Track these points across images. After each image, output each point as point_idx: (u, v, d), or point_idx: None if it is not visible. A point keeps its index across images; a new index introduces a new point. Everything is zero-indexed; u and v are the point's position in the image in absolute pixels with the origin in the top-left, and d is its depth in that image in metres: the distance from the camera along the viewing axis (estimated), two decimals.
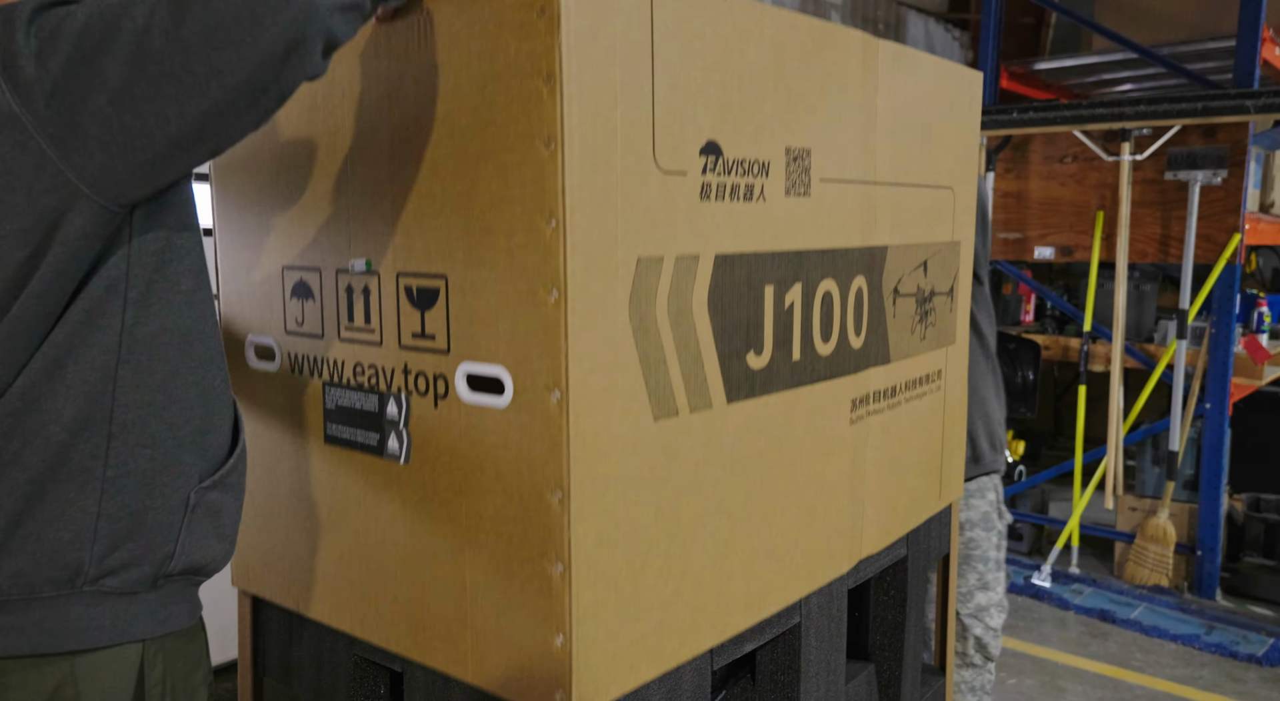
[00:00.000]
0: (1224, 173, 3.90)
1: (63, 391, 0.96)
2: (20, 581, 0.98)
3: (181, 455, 1.04)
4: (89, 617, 1.00)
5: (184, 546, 1.05)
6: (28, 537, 0.97)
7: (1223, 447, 4.11)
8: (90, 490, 0.98)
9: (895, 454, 1.70)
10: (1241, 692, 3.25)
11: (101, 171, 0.92)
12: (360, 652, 1.38)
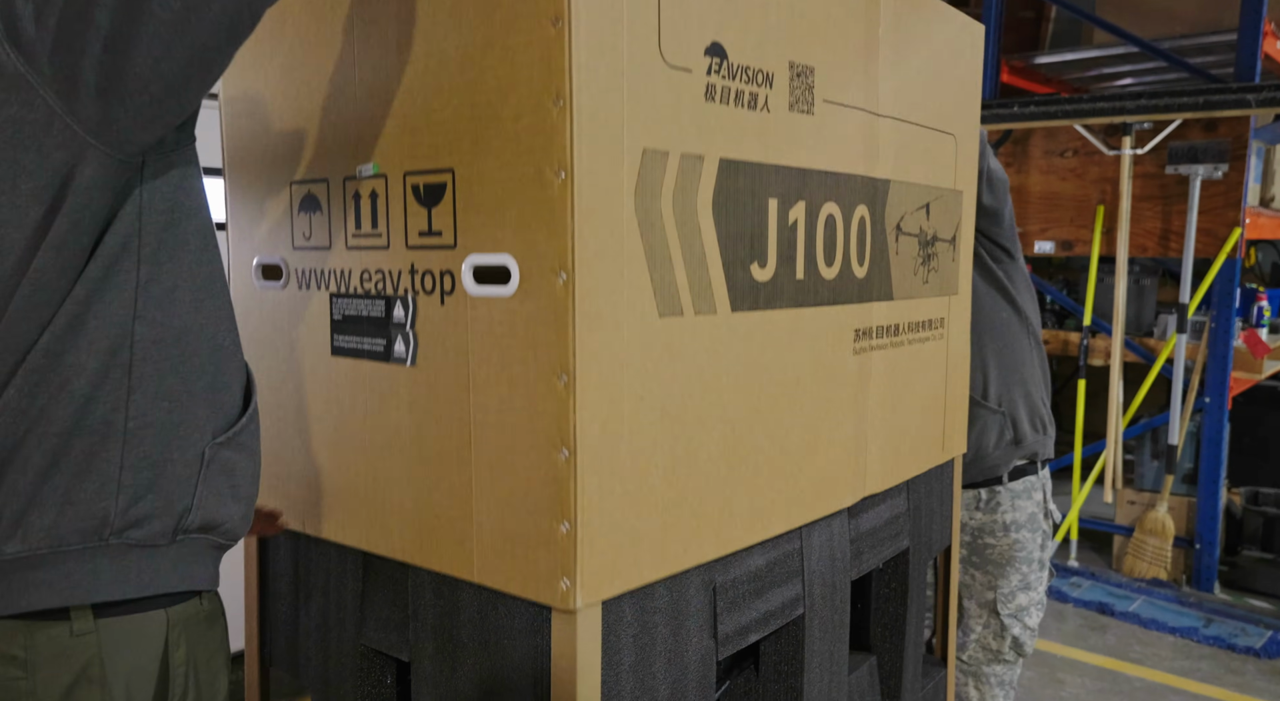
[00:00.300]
0: (1225, 167, 3.91)
1: (84, 346, 1.00)
2: (50, 535, 1.01)
3: (196, 409, 1.08)
4: (115, 570, 1.04)
5: (201, 500, 1.09)
6: (55, 491, 1.01)
7: (1222, 441, 4.13)
8: (113, 441, 1.02)
9: (898, 394, 1.71)
10: (1240, 685, 3.27)
11: (105, 121, 0.96)
12: (366, 642, 1.38)
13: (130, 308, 1.03)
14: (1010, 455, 2.33)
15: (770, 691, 1.55)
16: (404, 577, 1.32)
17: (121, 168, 1.00)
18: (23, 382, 1.00)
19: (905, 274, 1.70)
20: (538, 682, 1.17)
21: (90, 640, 1.03)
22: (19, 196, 0.97)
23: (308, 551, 1.46)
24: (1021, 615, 2.37)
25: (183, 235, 1.07)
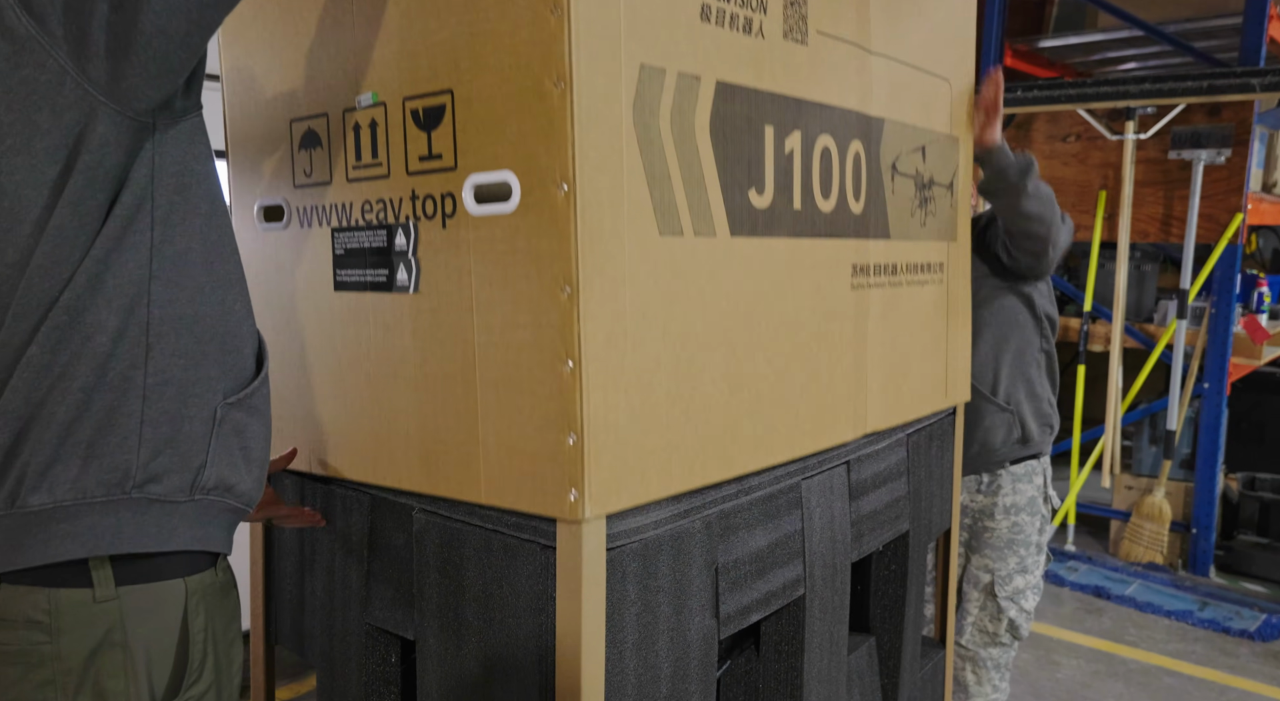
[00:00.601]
0: (1228, 152, 3.91)
1: (104, 304, 1.04)
2: (75, 488, 1.05)
3: (208, 368, 1.12)
4: (136, 524, 1.07)
5: (214, 458, 1.13)
6: (79, 444, 1.05)
7: (1220, 427, 4.14)
8: (133, 397, 1.06)
9: (897, 334, 1.72)
10: (1233, 666, 3.30)
11: (115, 79, 1.00)
12: (371, 621, 1.40)
13: (146, 267, 1.06)
14: (1015, 452, 2.35)
15: (770, 671, 1.56)
16: (409, 556, 1.33)
17: (132, 126, 1.03)
18: (45, 339, 1.03)
19: (902, 214, 1.70)
20: (542, 660, 1.18)
21: (112, 607, 1.06)
22: (35, 156, 1.01)
23: (313, 531, 1.48)
24: (1018, 598, 2.38)
25: (193, 200, 1.11)
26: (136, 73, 1.01)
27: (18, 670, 1.05)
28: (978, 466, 2.38)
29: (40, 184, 1.02)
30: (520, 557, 1.19)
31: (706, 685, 1.34)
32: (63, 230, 1.03)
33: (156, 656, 1.09)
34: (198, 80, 1.13)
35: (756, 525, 1.40)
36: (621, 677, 1.19)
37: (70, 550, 1.04)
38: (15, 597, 1.05)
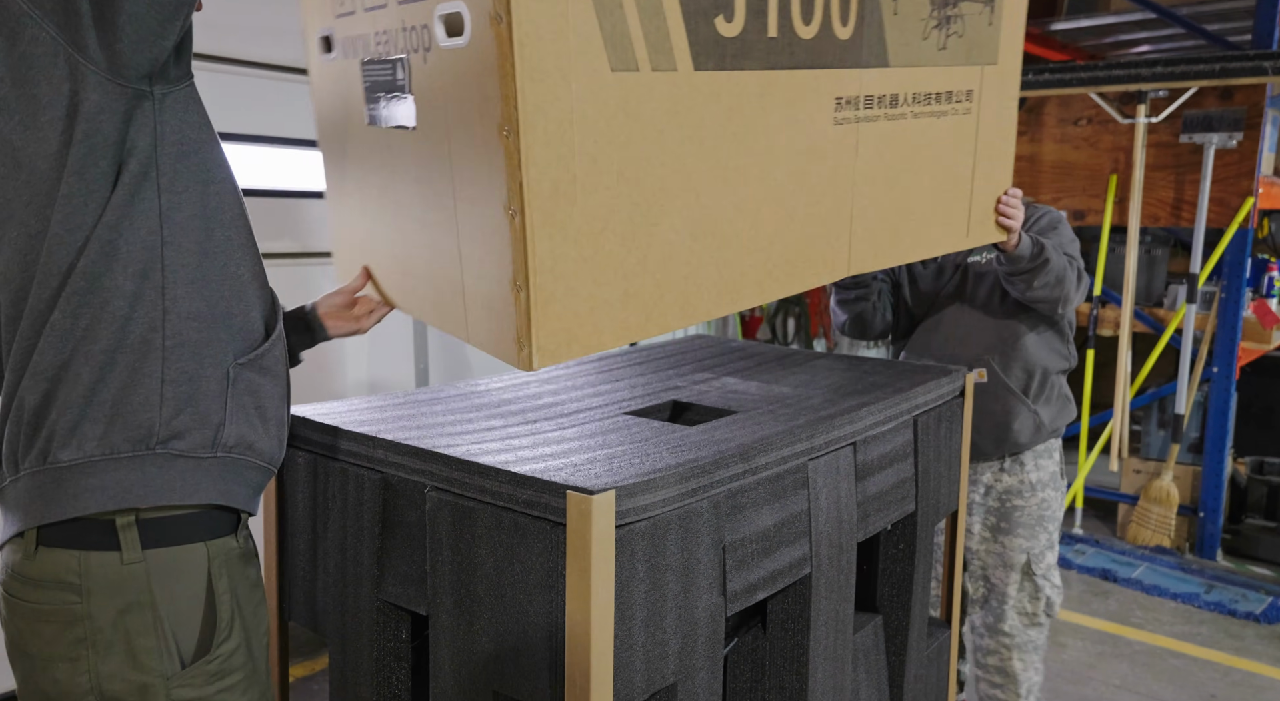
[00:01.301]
0: (1239, 135, 3.88)
1: (119, 269, 1.10)
2: (103, 444, 1.11)
3: (218, 330, 1.17)
4: (162, 479, 1.13)
5: (231, 417, 1.19)
6: (104, 403, 1.11)
7: (1228, 411, 4.14)
8: (154, 358, 1.12)
9: (897, 170, 1.61)
10: (1239, 648, 3.31)
11: (102, 46, 1.04)
12: (384, 597, 1.42)
13: (157, 233, 1.12)
14: (1036, 441, 2.39)
15: (777, 648, 1.58)
16: (422, 534, 1.35)
17: (126, 94, 1.08)
18: (66, 304, 1.09)
19: (908, 38, 1.54)
20: (552, 636, 1.20)
21: (139, 569, 1.12)
22: (41, 129, 1.07)
23: (325, 509, 1.50)
24: (1051, 574, 2.40)
25: (193, 167, 1.15)
26: (122, 39, 1.04)
27: (54, 628, 1.12)
28: (999, 452, 2.39)
29: (49, 155, 1.07)
30: (530, 535, 1.21)
31: (714, 661, 1.36)
32: (72, 198, 1.07)
33: (183, 616, 1.15)
34: (187, 47, 1.16)
35: (763, 505, 1.42)
36: (630, 653, 1.21)
37: (99, 502, 1.10)
38: (50, 559, 1.11)
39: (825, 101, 1.42)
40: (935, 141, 1.67)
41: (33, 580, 1.13)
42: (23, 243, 1.11)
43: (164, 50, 1.09)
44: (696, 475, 1.29)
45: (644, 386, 1.84)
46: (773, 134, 1.33)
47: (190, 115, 1.17)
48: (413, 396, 1.71)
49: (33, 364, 1.11)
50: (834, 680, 1.65)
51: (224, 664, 1.19)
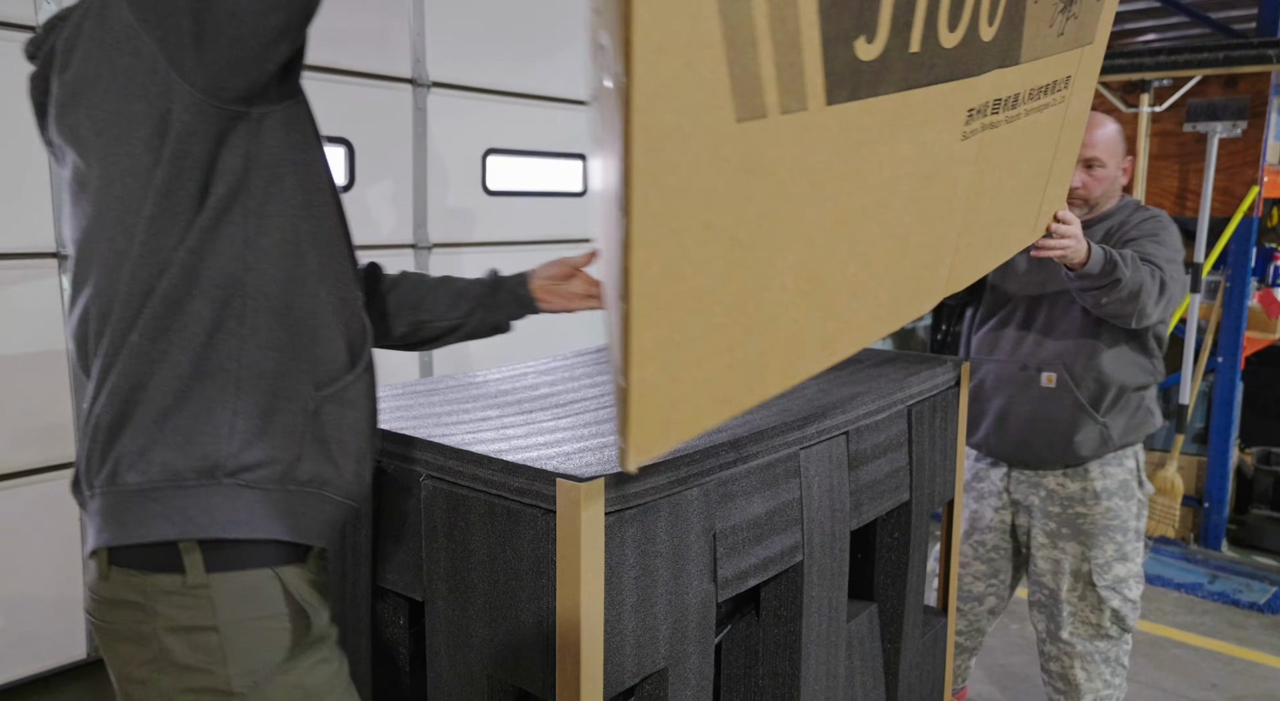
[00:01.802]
0: (1244, 124, 3.87)
1: (200, 295, 1.07)
2: (167, 470, 1.08)
3: (299, 361, 1.13)
4: (228, 509, 1.09)
5: (307, 451, 1.13)
6: (176, 430, 1.08)
7: (1233, 401, 4.14)
8: (229, 388, 1.09)
9: (1001, 176, 1.46)
10: (1241, 638, 3.31)
11: (197, 65, 1.00)
12: (382, 584, 1.44)
13: (240, 260, 1.08)
14: (1101, 453, 2.32)
15: (770, 635, 1.60)
16: (418, 522, 1.37)
17: (219, 115, 1.04)
18: (145, 327, 1.07)
19: (1040, 28, 1.36)
20: (544, 621, 1.22)
21: (202, 593, 1.08)
22: (134, 145, 1.03)
23: None
24: (1120, 587, 2.31)
25: (286, 190, 1.11)
26: (217, 59, 1.00)
27: (128, 648, 1.11)
28: (1065, 461, 2.33)
29: (138, 172, 1.04)
30: (522, 522, 1.23)
31: (705, 647, 1.38)
32: (156, 220, 1.05)
33: (250, 641, 1.11)
34: (295, 66, 1.11)
35: (755, 492, 1.44)
36: (620, 638, 1.23)
37: (162, 530, 1.07)
38: (120, 579, 1.10)
39: (957, 116, 1.24)
40: (1035, 138, 1.52)
41: (106, 600, 1.11)
42: (111, 259, 1.08)
43: (266, 74, 1.05)
44: (686, 463, 1.30)
45: None
46: (898, 163, 1.15)
47: (291, 135, 1.11)
48: (411, 387, 1.73)
49: (110, 383, 1.09)
50: (827, 667, 1.67)
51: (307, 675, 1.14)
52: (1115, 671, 2.37)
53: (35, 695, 2.79)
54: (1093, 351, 2.26)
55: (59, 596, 2.82)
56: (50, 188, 2.67)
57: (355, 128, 3.46)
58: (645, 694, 1.34)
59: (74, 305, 1.13)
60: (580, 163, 4.33)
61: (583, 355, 2.09)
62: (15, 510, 2.72)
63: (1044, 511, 2.39)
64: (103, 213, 1.08)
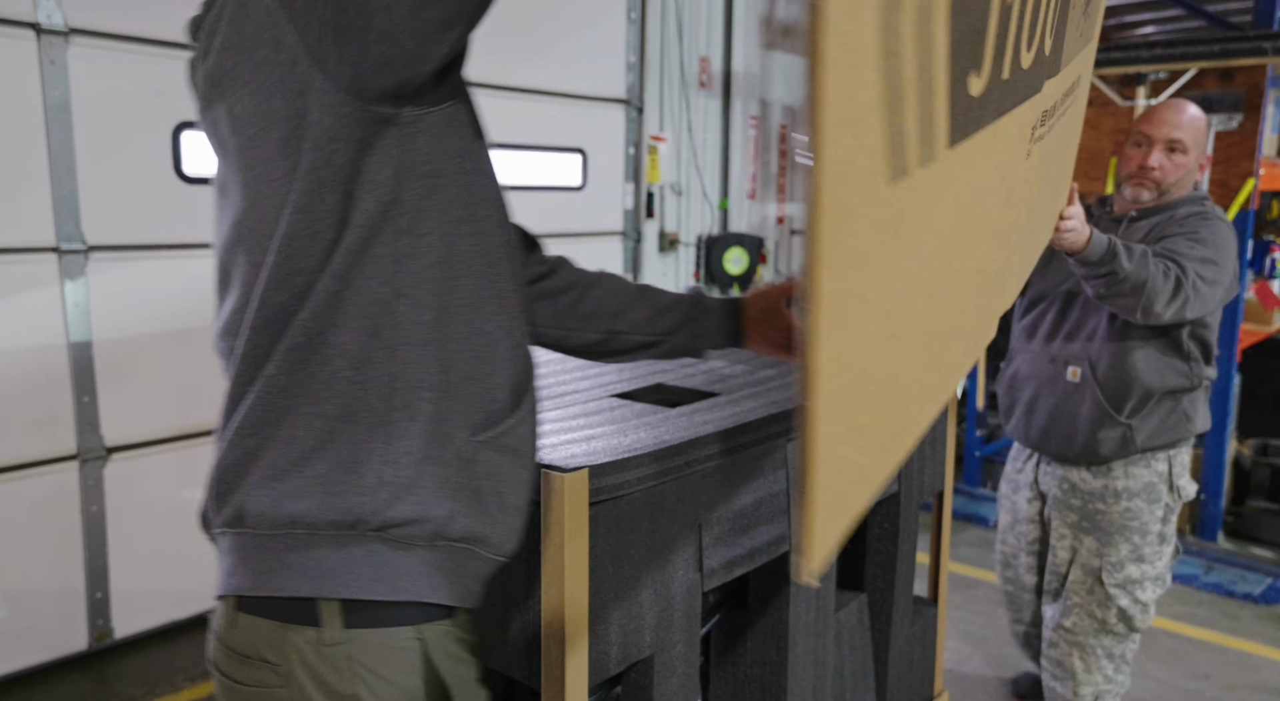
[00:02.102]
0: (1240, 117, 3.88)
1: (344, 325, 0.93)
2: (304, 521, 0.94)
3: (454, 401, 0.97)
4: (369, 566, 0.95)
5: (461, 506, 0.98)
6: (316, 478, 0.94)
7: (1230, 393, 4.14)
8: (376, 434, 0.94)
9: (1043, 186, 1.47)
10: (1235, 628, 3.33)
11: (340, 60, 0.86)
12: None
13: (389, 285, 0.93)
14: (1124, 454, 2.29)
15: (758, 624, 1.62)
16: None
17: (364, 120, 0.89)
18: (283, 359, 0.93)
19: (1074, 28, 1.37)
20: (529, 609, 1.24)
21: (339, 651, 0.96)
22: (270, 149, 0.90)
23: None
24: (1131, 588, 2.29)
25: (443, 204, 0.95)
26: (364, 55, 0.85)
27: None
28: (1083, 459, 2.31)
29: (274, 179, 0.91)
30: None
31: (690, 635, 1.40)
32: (294, 238, 0.91)
33: None
34: (457, 67, 0.97)
35: (741, 484, 1.45)
36: (605, 627, 1.25)
37: (295, 585, 0.95)
38: (251, 628, 0.97)
39: (1025, 135, 1.21)
40: (1061, 143, 1.49)
41: (235, 652, 0.98)
42: (248, 276, 0.94)
43: (420, 75, 0.89)
44: (672, 455, 1.32)
45: (632, 370, 1.87)
46: (987, 194, 1.12)
47: (450, 141, 0.95)
48: None
49: (241, 414, 0.95)
50: (815, 655, 1.69)
51: None
52: (1119, 668, 2.36)
53: (37, 685, 2.82)
54: (1120, 350, 2.23)
55: (59, 588, 2.85)
56: (50, 183, 2.69)
57: None
58: (631, 681, 1.36)
59: (216, 318, 1.01)
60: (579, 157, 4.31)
61: None
62: (16, 502, 2.74)
63: (1065, 504, 2.39)
64: (239, 223, 0.95)
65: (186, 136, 2.94)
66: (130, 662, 2.96)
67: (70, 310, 2.76)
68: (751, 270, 5.38)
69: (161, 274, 2.95)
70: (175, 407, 3.02)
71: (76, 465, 2.82)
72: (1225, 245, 2.16)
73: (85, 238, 2.76)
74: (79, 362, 2.80)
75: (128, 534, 2.95)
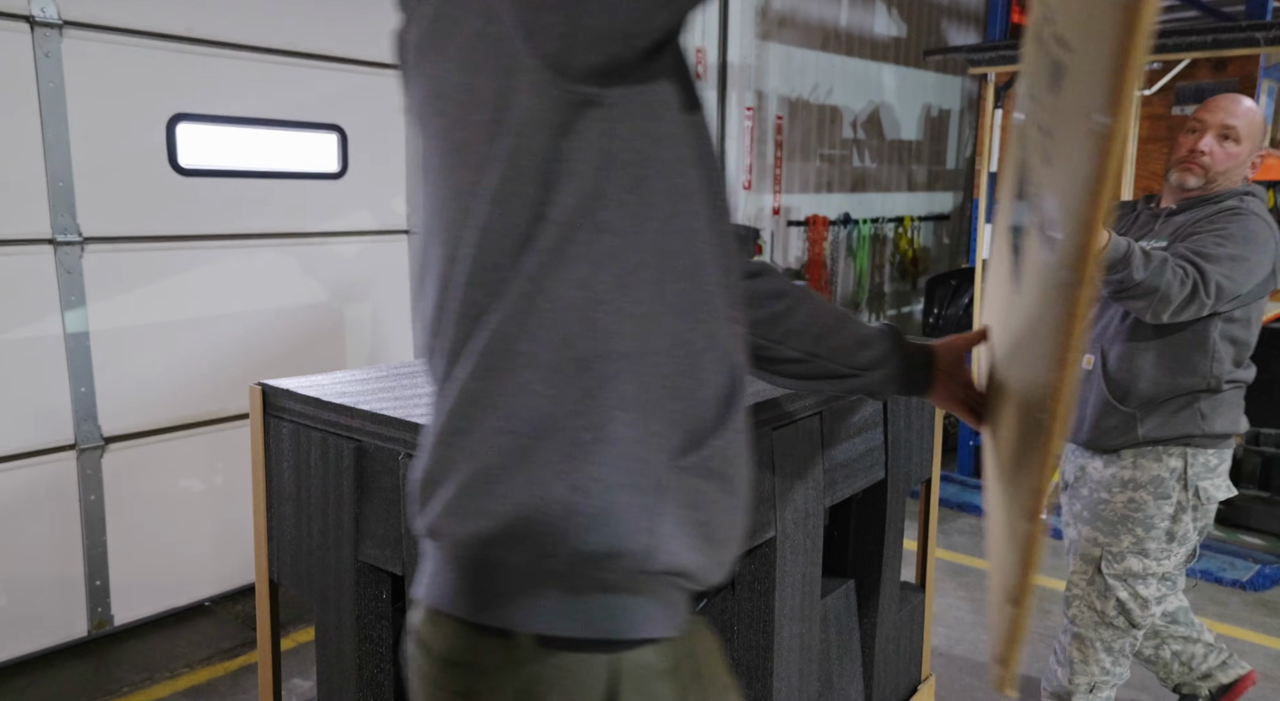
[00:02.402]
0: None
1: (536, 333, 0.84)
2: (495, 546, 0.87)
3: (655, 422, 0.87)
4: (561, 603, 0.88)
5: (662, 539, 0.87)
6: (503, 499, 0.86)
7: None
8: (570, 457, 0.85)
9: None
10: (1222, 614, 3.36)
11: (549, 32, 0.78)
12: (364, 559, 1.49)
13: (588, 289, 0.84)
14: (1128, 443, 2.28)
15: (744, 609, 1.65)
16: (397, 498, 1.42)
17: (566, 101, 0.80)
18: (475, 364, 0.86)
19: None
20: None
21: (532, 669, 0.88)
22: (471, 132, 0.83)
23: (308, 476, 1.57)
24: (1131, 580, 2.27)
25: (651, 197, 0.85)
26: (575, 29, 0.77)
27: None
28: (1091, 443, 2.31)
29: (470, 166, 0.84)
30: None
31: None
32: (489, 232, 0.84)
33: None
34: (670, 45, 0.86)
35: None
36: None
37: (480, 611, 0.88)
38: (450, 636, 0.91)
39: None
40: None
41: (434, 652, 0.92)
42: (444, 267, 0.88)
43: (634, 50, 0.79)
44: None
45: None
46: None
47: (662, 124, 0.85)
48: (395, 369, 1.78)
49: (441, 422, 0.89)
50: (801, 640, 1.72)
51: None
52: (1117, 661, 2.36)
53: (38, 671, 2.85)
54: (1132, 344, 2.23)
55: (59, 576, 2.88)
56: (45, 175, 2.71)
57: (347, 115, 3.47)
58: None
59: (416, 312, 0.95)
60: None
61: None
62: (15, 492, 2.77)
63: (1075, 491, 2.41)
64: (439, 210, 0.88)
65: (181, 129, 2.96)
66: (130, 649, 2.99)
67: (66, 302, 2.78)
68: None
69: (157, 266, 2.97)
70: (172, 398, 3.05)
71: (74, 455, 2.85)
72: (1258, 241, 2.13)
73: (81, 229, 2.77)
74: (76, 354, 2.82)
75: (126, 522, 2.98)
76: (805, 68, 5.94)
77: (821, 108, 6.05)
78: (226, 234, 3.13)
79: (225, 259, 3.14)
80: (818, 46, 5.99)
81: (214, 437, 3.13)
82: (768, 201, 5.90)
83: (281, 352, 3.31)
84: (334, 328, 3.51)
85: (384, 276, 3.66)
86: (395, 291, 3.70)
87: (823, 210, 6.18)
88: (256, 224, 3.21)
